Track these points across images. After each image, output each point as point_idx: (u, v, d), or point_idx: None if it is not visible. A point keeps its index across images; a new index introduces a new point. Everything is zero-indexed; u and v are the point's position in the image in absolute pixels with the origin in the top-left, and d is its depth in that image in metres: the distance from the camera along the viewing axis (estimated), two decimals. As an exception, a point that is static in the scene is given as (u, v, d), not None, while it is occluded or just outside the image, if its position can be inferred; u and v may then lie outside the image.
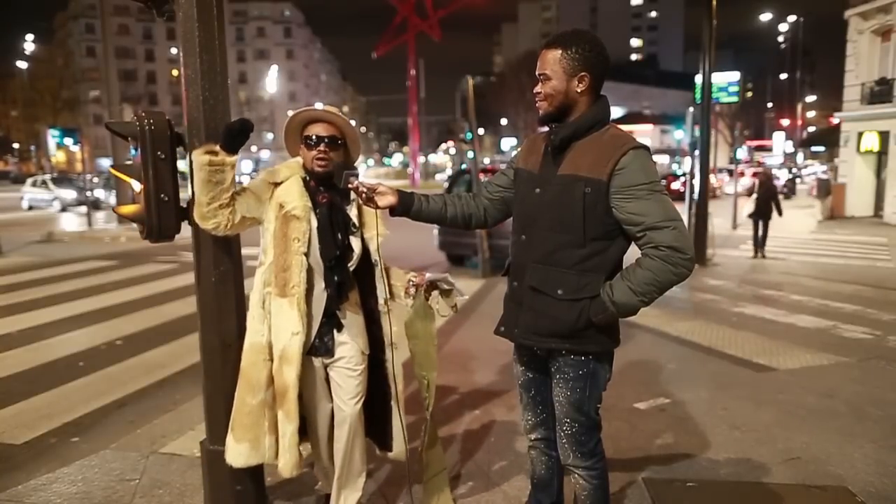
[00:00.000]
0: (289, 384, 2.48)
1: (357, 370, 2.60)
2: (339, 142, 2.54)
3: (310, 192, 2.52)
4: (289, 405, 2.49)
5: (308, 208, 2.47)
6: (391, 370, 2.66)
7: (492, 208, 2.49)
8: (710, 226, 11.10)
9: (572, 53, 2.13)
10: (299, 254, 2.45)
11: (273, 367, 2.52)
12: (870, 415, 4.22)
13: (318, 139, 2.49)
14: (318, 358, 2.58)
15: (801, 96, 53.82)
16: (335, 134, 2.53)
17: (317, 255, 2.49)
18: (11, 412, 4.36)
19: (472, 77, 12.12)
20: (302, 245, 2.45)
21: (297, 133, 2.58)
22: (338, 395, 2.61)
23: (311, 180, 2.54)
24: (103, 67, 18.89)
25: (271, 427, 2.52)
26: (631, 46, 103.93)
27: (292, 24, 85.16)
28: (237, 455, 2.53)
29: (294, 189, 2.49)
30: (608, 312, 2.11)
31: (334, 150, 2.52)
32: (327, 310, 2.54)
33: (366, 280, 2.64)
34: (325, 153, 2.49)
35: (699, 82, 11.14)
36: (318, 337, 2.55)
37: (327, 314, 2.55)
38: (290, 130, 2.58)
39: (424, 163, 60.15)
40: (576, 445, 2.29)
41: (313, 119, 2.54)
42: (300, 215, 2.45)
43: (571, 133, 2.17)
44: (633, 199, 2.06)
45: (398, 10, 52.80)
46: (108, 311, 7.45)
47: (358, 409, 2.61)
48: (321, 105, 2.67)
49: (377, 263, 2.61)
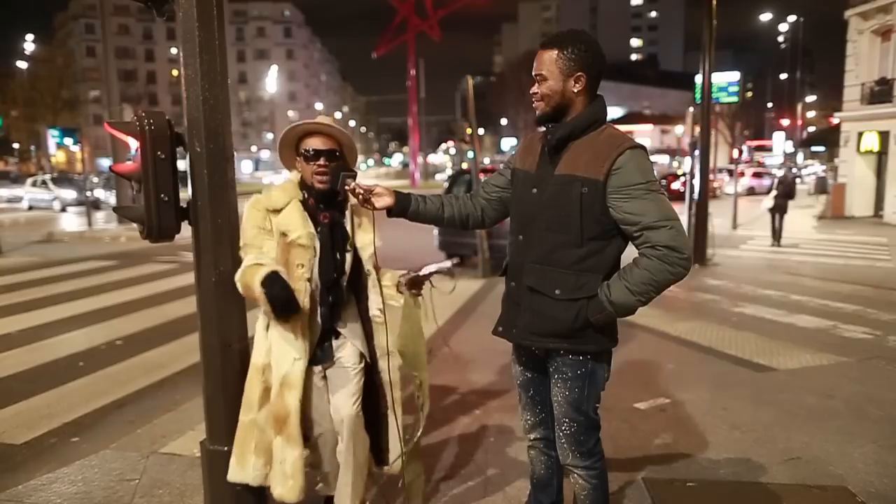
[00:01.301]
0: (290, 409, 2.45)
1: (355, 369, 2.59)
2: (337, 153, 2.51)
3: (310, 212, 2.48)
4: (290, 430, 2.46)
5: (312, 235, 2.45)
6: (387, 379, 2.65)
7: (489, 208, 2.49)
8: (710, 226, 11.10)
9: (568, 54, 2.13)
10: (303, 280, 2.44)
11: (272, 392, 2.49)
12: (870, 415, 4.22)
13: (317, 153, 2.46)
14: (318, 366, 2.57)
15: (801, 96, 53.75)
16: (333, 147, 2.49)
17: (316, 277, 2.48)
18: (11, 412, 4.36)
19: (472, 77, 12.10)
20: (306, 271, 2.44)
21: (292, 147, 2.55)
22: (336, 395, 2.60)
23: (310, 198, 2.51)
24: (103, 67, 18.88)
25: (259, 449, 2.48)
26: (631, 46, 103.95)
27: (292, 24, 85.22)
28: (230, 467, 2.53)
29: (295, 216, 2.44)
30: (606, 312, 2.12)
31: (333, 163, 2.48)
32: (323, 327, 2.53)
33: (360, 288, 2.63)
34: (324, 167, 2.45)
35: (699, 82, 11.13)
36: (317, 345, 2.55)
37: (324, 329, 2.55)
38: (285, 144, 2.55)
39: (424, 163, 60.05)
40: (575, 445, 2.29)
41: (309, 132, 2.51)
42: (306, 244, 2.42)
43: (568, 133, 2.17)
44: (630, 199, 2.06)
45: (398, 10, 52.80)
46: (108, 311, 7.45)
47: (356, 409, 2.60)
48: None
49: (370, 273, 2.59)
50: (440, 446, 3.70)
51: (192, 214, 2.51)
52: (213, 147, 2.51)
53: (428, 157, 70.72)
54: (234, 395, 2.62)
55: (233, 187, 2.61)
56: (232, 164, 2.64)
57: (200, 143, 2.48)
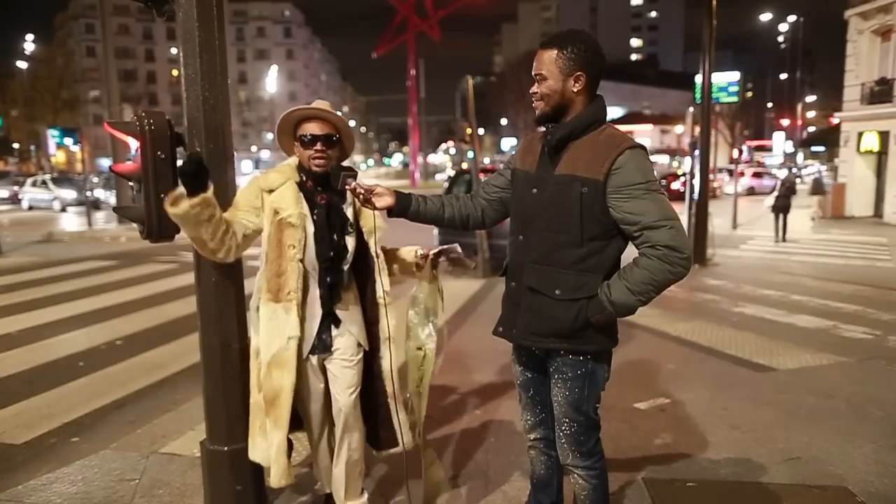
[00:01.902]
0: (280, 390, 2.45)
1: (353, 360, 2.60)
2: (335, 138, 2.52)
3: (307, 194, 2.49)
4: (278, 411, 2.46)
5: (303, 215, 2.45)
6: (387, 367, 2.65)
7: (489, 209, 2.49)
8: (710, 226, 11.10)
9: (568, 53, 2.13)
10: (295, 260, 2.44)
11: (261, 373, 2.50)
12: (870, 415, 4.22)
13: (314, 137, 2.47)
14: (317, 356, 2.57)
15: (801, 96, 53.77)
16: (330, 131, 2.50)
17: (312, 258, 2.48)
18: (11, 412, 4.36)
19: (472, 77, 12.11)
20: (297, 252, 2.44)
21: (291, 132, 2.56)
22: (334, 386, 2.61)
23: (307, 181, 2.52)
24: (103, 67, 18.87)
25: (263, 430, 2.52)
26: (631, 46, 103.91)
27: (292, 24, 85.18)
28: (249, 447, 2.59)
29: (288, 195, 2.46)
30: (606, 312, 2.12)
31: (330, 148, 2.49)
32: (323, 309, 2.53)
33: (364, 275, 2.64)
34: (322, 152, 2.47)
35: (699, 82, 11.13)
36: (316, 335, 2.54)
37: (324, 313, 2.54)
38: (283, 130, 2.56)
39: (424, 163, 60.06)
40: (575, 445, 2.29)
41: (306, 117, 2.52)
42: (296, 223, 2.43)
43: (568, 133, 2.17)
44: (630, 199, 2.06)
45: (398, 10, 52.79)
46: (108, 311, 7.45)
47: (354, 400, 2.60)
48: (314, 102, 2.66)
49: (379, 256, 2.59)
50: (440, 446, 3.69)
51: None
52: (213, 147, 2.52)
53: (428, 157, 70.75)
54: (234, 395, 2.63)
55: (233, 187, 2.61)
56: (232, 164, 2.64)
57: (200, 143, 2.48)
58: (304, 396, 2.61)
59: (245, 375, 2.61)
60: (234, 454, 2.65)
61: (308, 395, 2.62)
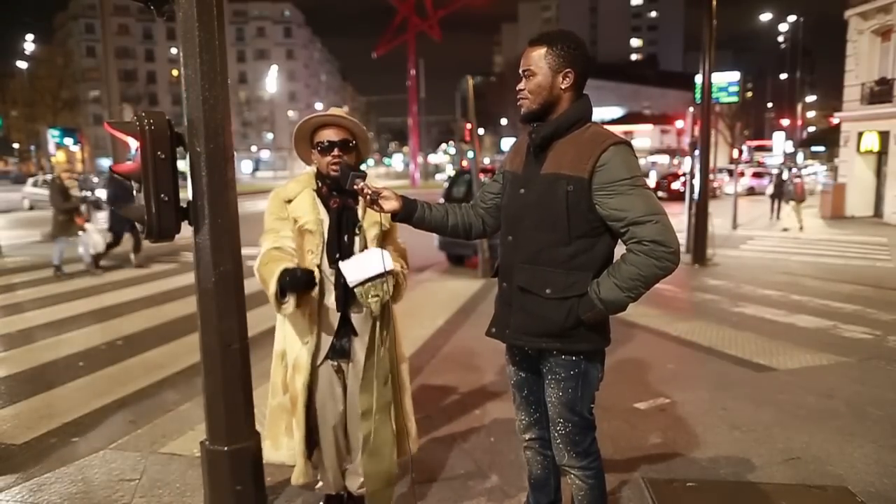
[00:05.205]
0: (297, 392, 2.58)
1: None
2: (351, 144, 2.58)
3: (322, 199, 2.57)
4: (297, 414, 2.60)
5: (319, 221, 2.54)
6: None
7: (488, 216, 2.51)
8: (710, 226, 11.10)
9: (557, 50, 2.15)
10: (313, 266, 2.52)
11: (287, 376, 2.63)
12: (870, 415, 4.22)
13: (331, 144, 2.54)
14: (336, 361, 2.64)
15: (801, 96, 53.72)
16: (346, 137, 2.57)
17: (326, 263, 2.54)
18: (11, 412, 4.36)
19: (472, 77, 12.11)
20: (315, 257, 2.53)
21: (307, 139, 2.62)
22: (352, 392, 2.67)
23: (323, 186, 2.59)
24: (103, 67, 18.85)
25: (288, 430, 2.64)
26: (631, 46, 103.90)
27: (292, 24, 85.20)
28: (265, 450, 2.68)
29: (305, 203, 2.56)
30: (597, 310, 2.12)
31: (347, 154, 2.57)
32: (338, 311, 2.58)
33: None
34: (339, 157, 2.54)
35: (699, 82, 11.14)
36: (335, 340, 2.61)
37: (342, 318, 2.60)
38: (300, 137, 2.62)
39: (424, 163, 60.06)
40: (570, 445, 2.30)
41: (322, 124, 2.58)
42: (313, 229, 2.53)
43: (552, 131, 2.18)
44: (616, 195, 2.07)
45: (398, 10, 52.76)
46: (108, 311, 7.45)
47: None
48: (321, 106, 2.69)
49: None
50: (440, 446, 3.70)
51: (192, 214, 2.52)
52: (213, 147, 2.51)
53: (428, 157, 70.74)
54: (234, 395, 2.63)
55: (233, 187, 2.61)
56: (232, 164, 2.64)
57: (200, 143, 2.48)
58: (316, 399, 2.66)
59: (245, 375, 2.63)
60: (234, 454, 2.64)
61: (321, 398, 2.67)
